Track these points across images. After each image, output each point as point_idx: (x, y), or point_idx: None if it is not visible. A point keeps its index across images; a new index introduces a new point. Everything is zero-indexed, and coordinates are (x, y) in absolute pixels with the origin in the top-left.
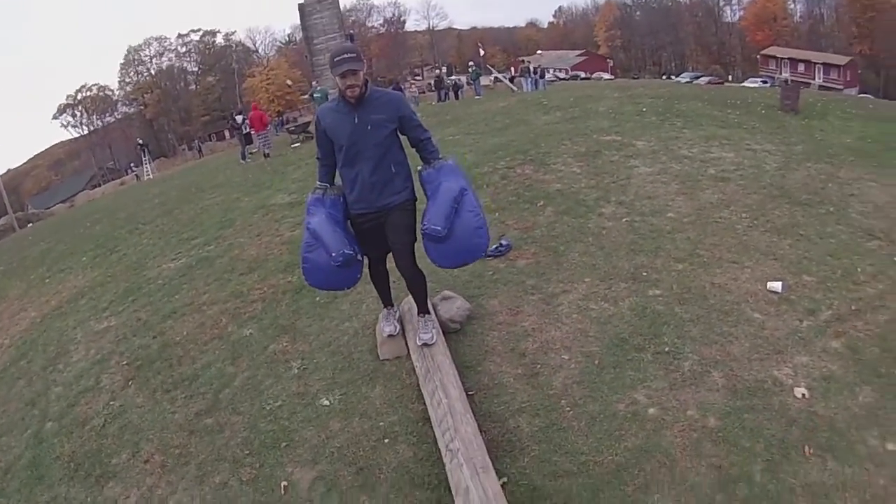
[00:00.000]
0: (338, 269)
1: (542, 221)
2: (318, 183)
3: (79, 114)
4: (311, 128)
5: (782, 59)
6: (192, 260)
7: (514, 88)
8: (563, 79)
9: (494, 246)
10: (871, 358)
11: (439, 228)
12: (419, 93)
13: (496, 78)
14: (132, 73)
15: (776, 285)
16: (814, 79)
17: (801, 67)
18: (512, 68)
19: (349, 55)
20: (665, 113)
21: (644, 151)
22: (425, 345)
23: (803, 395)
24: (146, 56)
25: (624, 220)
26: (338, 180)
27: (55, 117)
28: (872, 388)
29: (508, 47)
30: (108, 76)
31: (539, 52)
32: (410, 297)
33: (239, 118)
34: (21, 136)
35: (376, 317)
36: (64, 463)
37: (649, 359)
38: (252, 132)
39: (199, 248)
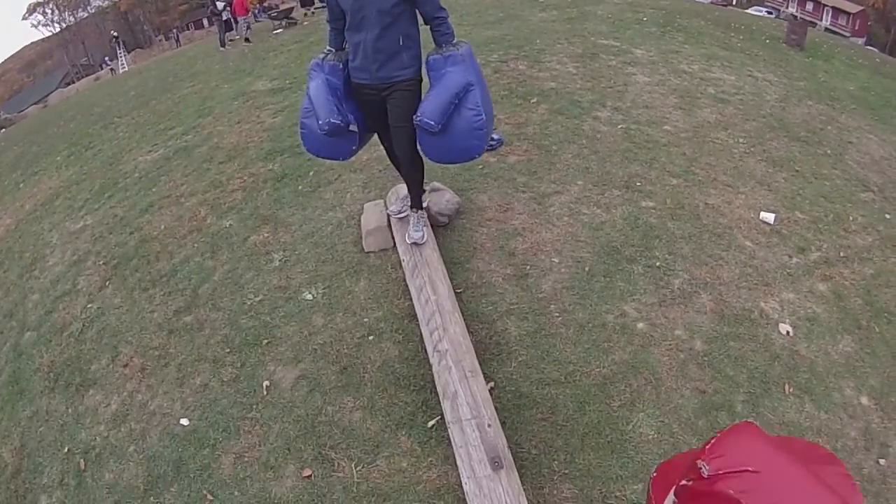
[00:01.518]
0: (329, 138)
1: (535, 119)
2: (327, 48)
3: (50, 11)
4: (295, 14)
5: None
6: (170, 151)
7: None
8: None
9: None
10: (854, 308)
11: (432, 123)
12: None
13: None
14: None
15: (769, 216)
16: (821, 20)
17: (809, 6)
18: None
19: None
20: (666, 25)
21: (643, 60)
22: (415, 244)
23: (787, 332)
24: None
25: (619, 126)
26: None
27: (25, 17)
28: (853, 339)
29: None
30: None
31: None
32: (401, 185)
33: (220, 4)
34: None
35: (361, 207)
36: (44, 374)
37: (640, 271)
38: (234, 18)
39: (176, 139)
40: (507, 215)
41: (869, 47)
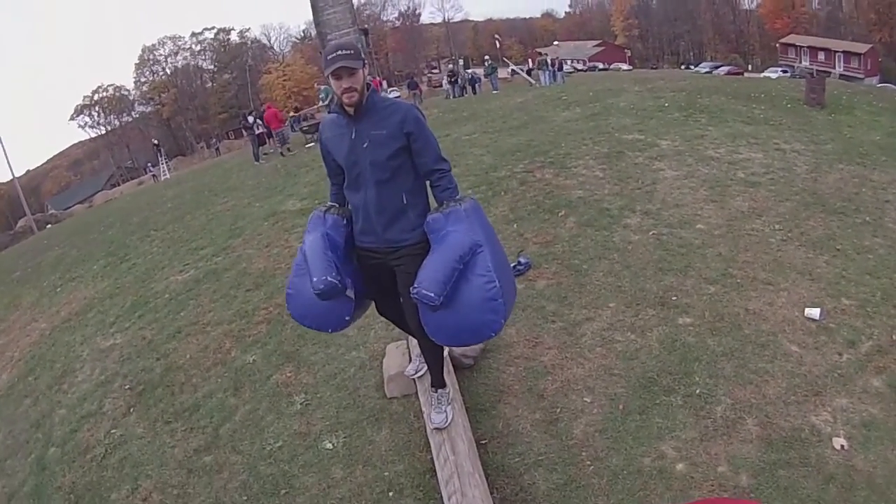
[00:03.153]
0: (319, 302)
1: (564, 234)
2: (329, 203)
3: (96, 114)
4: None
5: (801, 47)
6: (200, 273)
7: (532, 81)
8: (581, 70)
9: (513, 265)
10: None
11: (432, 295)
12: (428, 86)
13: (513, 71)
14: (147, 72)
15: (814, 312)
16: (834, 67)
17: (820, 56)
18: (529, 60)
19: (344, 51)
20: (688, 108)
21: (669, 152)
22: (437, 429)
23: (842, 445)
24: (161, 55)
25: (651, 232)
26: None
27: (72, 118)
28: None
29: (525, 38)
30: (124, 76)
31: (556, 42)
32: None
33: (250, 118)
34: (39, 136)
35: (384, 346)
36: (65, 494)
37: (679, 403)
38: (266, 132)
39: (207, 260)
40: (537, 350)
41: (884, 84)
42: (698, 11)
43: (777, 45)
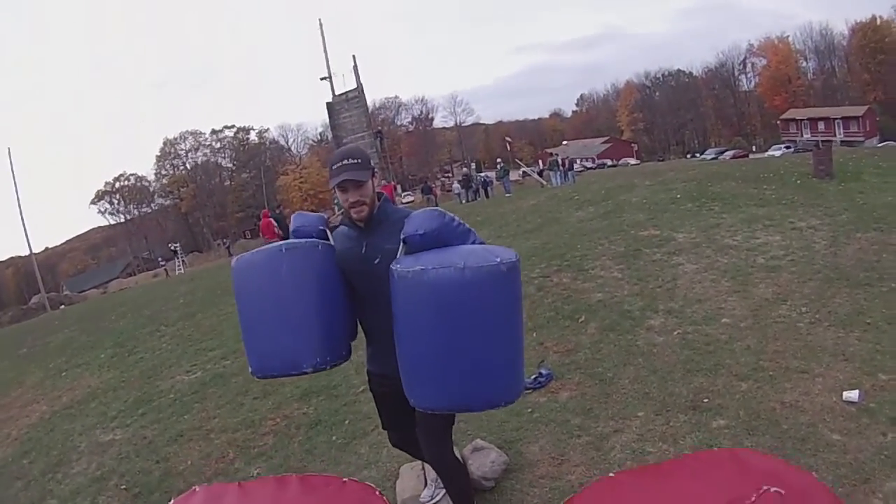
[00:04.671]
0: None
1: (585, 341)
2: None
3: (116, 202)
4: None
5: (801, 120)
6: (207, 375)
7: (544, 182)
8: (590, 168)
9: (534, 377)
10: None
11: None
12: (442, 190)
13: (524, 172)
14: (168, 165)
15: (853, 395)
16: (834, 135)
17: (820, 126)
18: (539, 161)
19: (349, 160)
20: (700, 197)
21: (686, 245)
22: None
23: None
24: (182, 150)
25: (675, 332)
26: None
27: (93, 202)
28: None
29: (534, 139)
30: (145, 165)
31: (565, 142)
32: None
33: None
34: (61, 216)
35: (398, 467)
36: None
37: None
38: (280, 235)
39: (215, 362)
40: (562, 469)
41: (886, 143)
42: (700, 98)
43: (778, 121)
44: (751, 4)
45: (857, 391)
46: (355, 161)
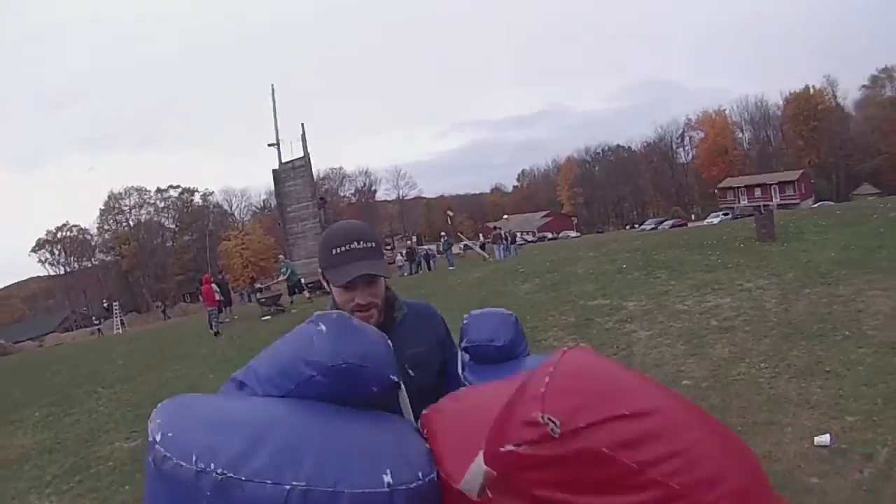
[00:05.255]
0: None
1: None
2: None
3: (56, 252)
4: (283, 301)
5: (738, 187)
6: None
7: (486, 256)
8: (531, 241)
9: None
10: None
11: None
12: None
13: (466, 245)
14: (111, 220)
15: (824, 439)
16: (771, 199)
17: (757, 192)
18: (480, 235)
19: (364, 244)
20: (646, 266)
21: (637, 313)
22: None
23: None
24: (126, 205)
25: None
26: None
27: (34, 251)
28: None
29: (475, 213)
30: (88, 217)
31: (505, 216)
32: None
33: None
34: None
35: None
36: None
37: None
38: (222, 301)
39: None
40: None
41: (821, 203)
42: (638, 172)
43: (715, 190)
44: (689, 82)
45: (827, 435)
46: (368, 245)
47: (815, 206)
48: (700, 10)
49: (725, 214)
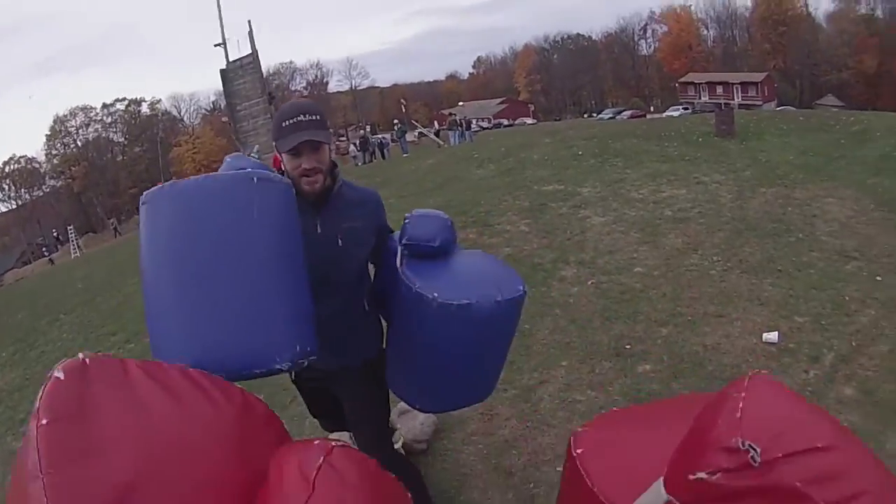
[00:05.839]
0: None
1: None
2: None
3: (6, 187)
4: None
5: (700, 84)
6: None
7: (441, 142)
8: (487, 128)
9: None
10: (888, 397)
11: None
12: (337, 153)
13: (420, 133)
14: (58, 144)
15: (772, 336)
16: (733, 99)
17: (719, 90)
18: (435, 122)
19: (306, 116)
20: (602, 154)
21: (592, 199)
22: None
23: None
24: (72, 126)
25: (590, 282)
26: None
27: None
28: None
29: (430, 101)
30: (34, 146)
31: (461, 103)
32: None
33: None
34: None
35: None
36: None
37: None
38: None
39: (119, 347)
40: (494, 424)
41: (783, 107)
42: (598, 62)
43: (676, 84)
44: None
45: (775, 333)
46: (313, 118)
47: (778, 109)
48: None
49: (686, 109)
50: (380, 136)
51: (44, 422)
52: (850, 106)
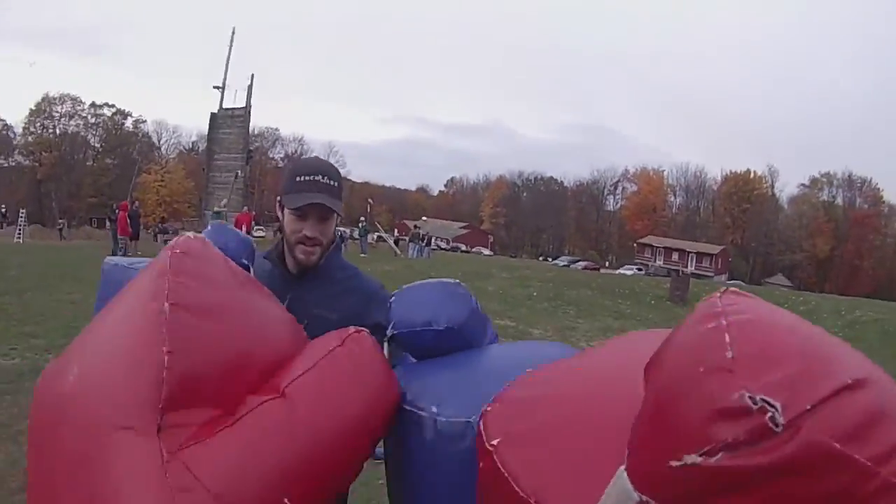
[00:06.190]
0: None
1: None
2: None
3: None
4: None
5: (658, 247)
6: (26, 365)
7: (398, 251)
8: (444, 249)
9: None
10: None
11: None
12: None
13: (380, 237)
14: (38, 124)
15: None
16: (687, 266)
17: (675, 256)
18: (395, 230)
19: (326, 179)
20: (556, 299)
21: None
22: None
23: None
24: (57, 112)
25: None
26: None
27: None
28: None
29: (395, 208)
30: (16, 115)
31: (424, 217)
32: None
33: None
34: None
35: None
36: None
37: None
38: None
39: (37, 352)
40: None
41: (734, 281)
42: (564, 208)
43: (635, 244)
44: (634, 137)
45: None
46: (331, 183)
47: (728, 282)
48: (664, 74)
49: (639, 269)
50: (341, 229)
51: (178, 251)
52: (798, 287)
